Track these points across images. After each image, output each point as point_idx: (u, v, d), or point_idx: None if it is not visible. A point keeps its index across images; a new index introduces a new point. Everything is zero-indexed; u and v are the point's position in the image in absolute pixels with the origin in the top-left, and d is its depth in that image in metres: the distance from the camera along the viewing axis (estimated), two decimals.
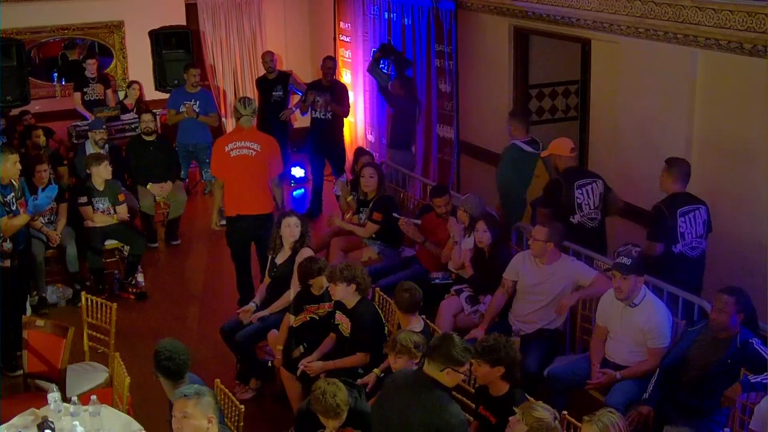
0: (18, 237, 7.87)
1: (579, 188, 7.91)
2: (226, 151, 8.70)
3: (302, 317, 7.12)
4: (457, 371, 5.21)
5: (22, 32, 12.94)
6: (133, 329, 8.53)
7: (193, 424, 4.84)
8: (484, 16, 10.23)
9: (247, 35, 14.36)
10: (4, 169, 7.82)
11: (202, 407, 4.85)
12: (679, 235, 7.18)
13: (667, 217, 7.15)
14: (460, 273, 8.05)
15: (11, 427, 5.78)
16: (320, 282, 7.04)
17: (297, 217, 7.81)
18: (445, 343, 5.22)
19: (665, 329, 6.39)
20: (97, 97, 12.53)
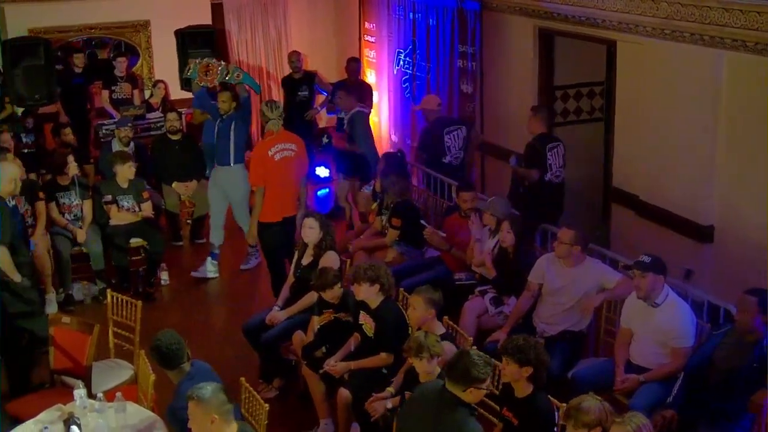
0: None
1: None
2: (269, 156, 8.76)
3: (326, 316, 7.15)
4: (479, 388, 5.17)
5: (49, 31, 13.04)
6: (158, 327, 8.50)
7: (197, 423, 4.97)
8: (509, 16, 10.21)
9: (272, 35, 14.41)
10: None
11: (203, 408, 4.93)
12: (547, 166, 8.95)
13: (540, 150, 8.89)
14: (484, 273, 8.05)
15: (38, 422, 5.84)
16: (334, 293, 7.07)
17: (315, 218, 7.84)
18: (464, 362, 5.15)
19: (688, 329, 6.36)
20: (124, 96, 12.59)
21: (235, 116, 9.89)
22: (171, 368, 5.71)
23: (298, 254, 7.94)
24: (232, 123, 9.84)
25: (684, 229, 8.01)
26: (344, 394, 6.56)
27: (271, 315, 7.71)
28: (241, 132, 9.96)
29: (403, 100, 12.29)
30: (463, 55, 10.58)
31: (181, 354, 5.70)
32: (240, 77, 9.97)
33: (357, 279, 6.71)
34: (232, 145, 9.85)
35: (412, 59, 11.93)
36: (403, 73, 12.25)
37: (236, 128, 9.87)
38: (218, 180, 10.11)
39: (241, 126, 9.98)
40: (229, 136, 9.84)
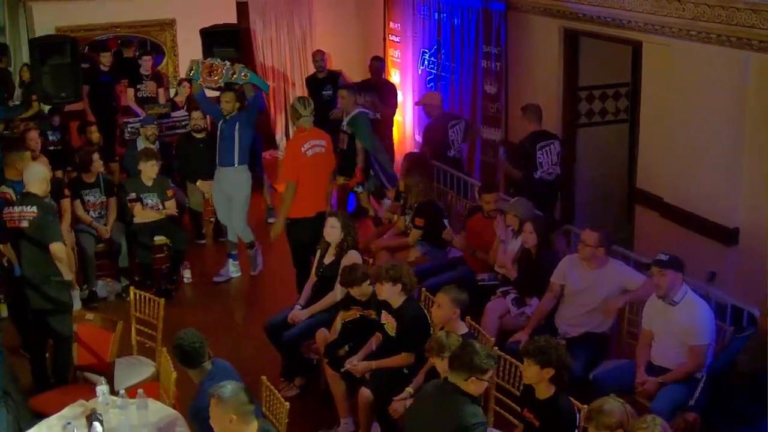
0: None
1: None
2: (302, 152, 8.78)
3: (352, 313, 7.16)
4: (481, 379, 5.23)
5: (76, 30, 13.13)
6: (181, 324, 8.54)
7: (216, 421, 5.00)
8: (534, 17, 10.18)
9: (297, 34, 14.45)
10: (21, 166, 8.22)
11: (223, 407, 4.95)
12: (538, 164, 9.11)
13: (528, 149, 9.16)
14: (507, 273, 8.03)
15: (61, 417, 5.88)
16: (363, 290, 7.08)
17: (338, 218, 7.85)
18: (467, 351, 5.25)
19: (706, 327, 6.34)
20: (149, 95, 12.65)
21: (240, 117, 9.78)
22: (193, 367, 5.72)
23: (320, 253, 7.96)
24: (237, 124, 9.71)
25: (709, 232, 7.96)
26: (365, 393, 6.57)
27: (292, 314, 7.72)
28: (245, 133, 9.80)
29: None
30: (488, 56, 10.56)
31: (203, 353, 5.72)
32: (247, 77, 9.83)
33: (379, 278, 6.71)
34: (236, 146, 9.73)
35: (437, 59, 11.92)
36: (428, 73, 12.24)
37: (241, 129, 9.73)
38: (221, 181, 9.98)
39: (246, 127, 9.81)
40: (233, 136, 9.72)
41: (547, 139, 9.30)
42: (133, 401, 6.02)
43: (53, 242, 7.19)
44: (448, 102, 11.61)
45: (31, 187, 7.36)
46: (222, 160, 9.86)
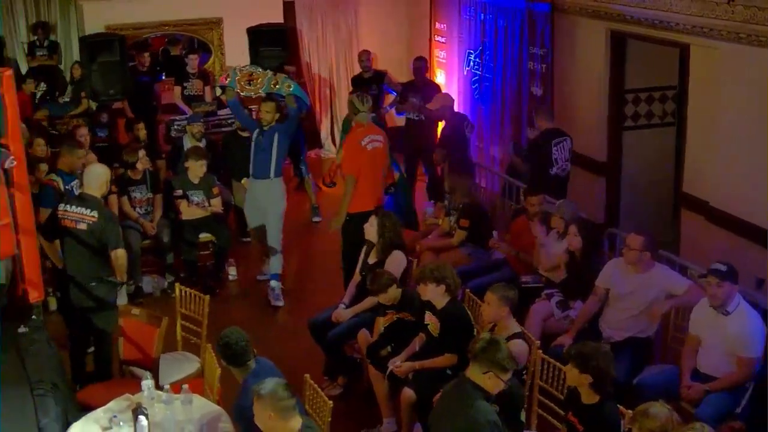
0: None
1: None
2: (362, 146, 8.82)
3: (388, 317, 7.18)
4: (499, 377, 5.24)
5: (125, 28, 13.28)
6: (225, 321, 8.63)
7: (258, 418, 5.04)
8: (580, 19, 10.14)
9: (343, 34, 14.49)
10: (69, 161, 8.60)
11: (261, 404, 4.99)
12: (553, 160, 9.32)
13: (543, 146, 9.40)
14: (550, 276, 8.01)
15: (107, 410, 5.94)
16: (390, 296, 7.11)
17: (378, 216, 7.88)
18: (493, 347, 5.29)
19: (757, 338, 6.25)
20: (196, 93, 12.74)
21: (279, 128, 9.46)
22: (238, 365, 5.75)
23: (364, 253, 7.98)
24: (275, 135, 9.38)
25: (755, 237, 7.88)
26: (408, 393, 6.58)
27: (336, 312, 7.75)
28: (283, 145, 9.48)
29: (472, 101, 12.26)
30: (534, 57, 10.53)
31: (248, 351, 5.75)
32: (291, 88, 9.48)
33: (423, 279, 6.72)
34: (273, 159, 9.42)
35: (481, 60, 11.90)
36: (472, 74, 12.23)
37: (279, 140, 9.40)
38: (256, 194, 9.67)
39: (284, 139, 9.48)
40: (271, 148, 9.38)
41: (560, 137, 9.50)
42: (177, 396, 6.08)
43: (116, 248, 7.27)
44: (491, 103, 11.61)
45: (90, 188, 7.42)
46: (257, 171, 9.56)
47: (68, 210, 7.34)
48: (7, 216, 6.48)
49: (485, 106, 11.93)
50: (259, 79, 9.50)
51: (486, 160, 11.86)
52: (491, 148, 11.96)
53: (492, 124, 11.78)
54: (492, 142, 11.88)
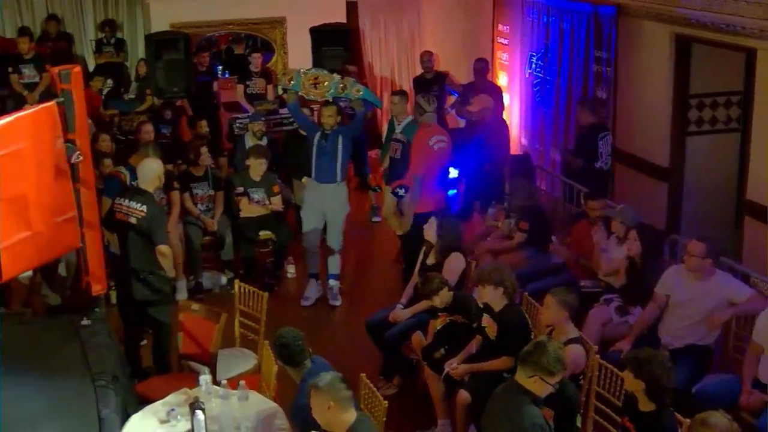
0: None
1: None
2: (430, 145, 8.86)
3: (441, 320, 7.18)
4: (545, 381, 5.18)
5: (189, 26, 13.43)
6: (283, 318, 8.70)
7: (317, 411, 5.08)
8: (645, 22, 10.03)
9: (405, 34, 14.50)
10: (141, 158, 8.50)
11: (321, 396, 5.03)
12: (599, 154, 9.73)
13: (591, 140, 9.83)
14: (610, 281, 7.95)
15: (165, 404, 6.03)
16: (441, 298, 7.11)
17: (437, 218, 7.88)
18: (539, 350, 5.23)
19: None
20: (258, 91, 12.83)
21: (343, 131, 9.31)
22: (294, 365, 5.79)
23: (423, 254, 7.99)
24: (339, 138, 9.20)
25: None
26: (463, 395, 6.57)
27: (394, 313, 7.77)
28: (347, 148, 9.30)
29: (534, 104, 12.20)
30: (598, 61, 10.45)
31: (304, 351, 5.79)
32: (360, 92, 9.24)
33: (481, 281, 6.71)
34: (339, 162, 9.25)
35: (544, 63, 11.84)
36: (535, 77, 12.17)
37: (344, 144, 9.22)
38: (319, 198, 9.44)
39: (348, 142, 9.30)
40: (336, 152, 9.20)
41: (604, 131, 9.91)
42: (234, 392, 6.14)
43: (160, 243, 7.37)
44: (553, 106, 11.53)
45: (143, 183, 7.55)
46: (320, 175, 9.37)
47: (122, 204, 7.48)
48: (73, 210, 6.59)
49: (547, 109, 11.86)
50: (326, 82, 9.22)
51: (547, 163, 11.79)
52: (552, 151, 11.88)
53: (554, 127, 11.70)
54: (554, 146, 11.81)
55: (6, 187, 5.80)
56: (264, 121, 11.16)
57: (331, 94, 9.22)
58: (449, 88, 12.66)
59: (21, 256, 6.00)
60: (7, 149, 5.79)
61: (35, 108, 6.47)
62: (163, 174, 7.77)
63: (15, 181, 5.90)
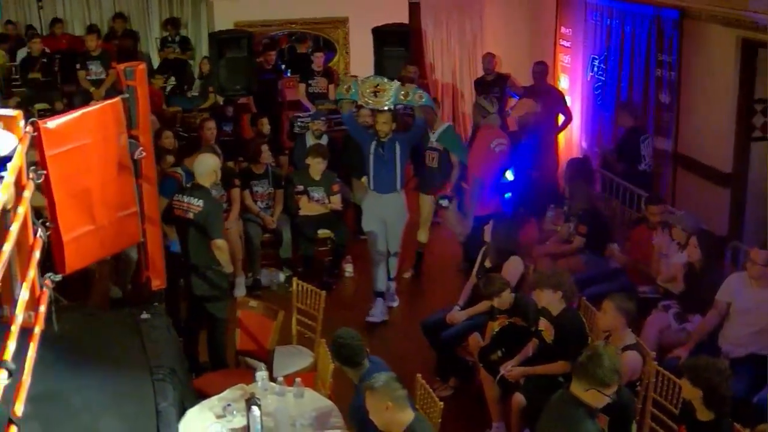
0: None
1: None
2: (491, 147, 8.85)
3: (500, 321, 7.16)
4: (602, 393, 5.08)
5: (252, 25, 13.57)
6: (341, 317, 8.74)
7: (374, 412, 5.07)
8: (710, 26, 9.88)
9: (467, 36, 14.49)
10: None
11: (378, 396, 5.02)
12: (641, 156, 9.87)
13: (633, 143, 10.02)
14: (669, 287, 7.87)
15: (222, 399, 6.10)
16: (503, 299, 7.08)
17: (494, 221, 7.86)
18: (593, 362, 5.10)
19: None
20: (320, 90, 12.91)
21: (400, 138, 8.99)
22: (353, 365, 5.77)
23: (481, 255, 7.98)
24: (396, 146, 8.88)
25: None
26: (518, 399, 6.55)
27: (451, 314, 7.77)
28: (405, 155, 9.03)
29: (595, 107, 12.10)
30: (661, 64, 10.33)
31: (362, 351, 5.79)
32: (422, 98, 8.81)
33: (540, 285, 6.69)
34: (398, 171, 8.98)
35: (606, 66, 11.74)
36: (596, 80, 12.07)
37: (401, 151, 8.92)
38: (379, 208, 9.17)
39: (406, 149, 9.01)
40: (394, 160, 8.90)
41: (645, 134, 10.03)
42: (290, 389, 6.19)
43: (216, 238, 7.44)
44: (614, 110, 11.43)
45: (200, 178, 7.63)
46: (379, 185, 9.09)
47: (181, 200, 7.57)
48: (135, 205, 6.69)
49: (608, 112, 11.76)
50: (386, 90, 8.75)
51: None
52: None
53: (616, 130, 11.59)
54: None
55: (71, 182, 5.89)
56: (324, 120, 11.23)
57: (392, 102, 8.78)
58: (510, 90, 12.61)
59: (84, 249, 6.09)
60: (74, 144, 5.88)
61: (101, 104, 6.57)
62: (219, 169, 7.83)
63: (80, 176, 5.99)
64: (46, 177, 5.50)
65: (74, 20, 15.88)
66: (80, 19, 15.88)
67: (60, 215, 5.74)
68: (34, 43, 13.51)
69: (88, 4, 15.89)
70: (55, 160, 5.63)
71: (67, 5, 15.89)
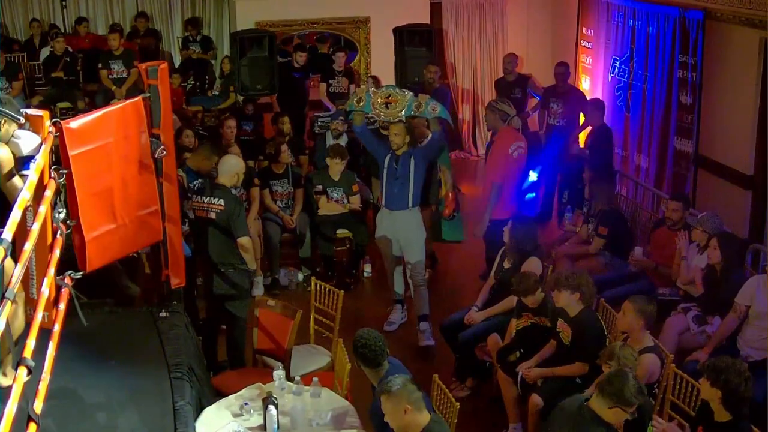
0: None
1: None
2: (509, 153, 8.83)
3: (523, 321, 7.15)
4: (625, 410, 5.10)
5: (275, 25, 13.60)
6: (359, 317, 8.77)
7: (391, 416, 5.04)
8: (734, 27, 9.84)
9: (488, 36, 14.48)
10: (201, 163, 8.67)
11: (395, 400, 5.00)
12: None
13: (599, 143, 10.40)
14: (689, 290, 7.84)
15: (239, 397, 6.13)
16: (535, 298, 7.07)
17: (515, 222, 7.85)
18: (620, 380, 5.12)
19: None
20: (341, 90, 12.92)
21: (416, 152, 8.43)
22: (375, 366, 5.73)
23: (500, 257, 7.97)
24: (411, 160, 8.36)
25: None
26: (536, 400, 6.55)
27: (469, 315, 7.77)
28: (421, 170, 8.45)
29: (617, 108, 12.06)
30: (684, 65, 10.29)
31: (385, 352, 5.76)
32: (436, 110, 8.32)
33: (558, 286, 6.68)
34: (411, 187, 8.41)
35: (629, 67, 11.70)
36: (618, 81, 12.03)
37: (417, 166, 8.37)
38: (392, 226, 8.65)
39: (422, 164, 8.45)
40: (408, 176, 8.36)
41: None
42: (307, 389, 6.21)
43: (241, 236, 7.44)
44: (637, 111, 11.40)
45: (221, 178, 7.65)
46: (391, 202, 8.56)
47: (201, 201, 7.57)
48: (156, 203, 6.71)
49: (630, 113, 11.72)
50: (399, 101, 8.33)
51: (630, 169, 11.64)
52: (636, 156, 11.72)
53: (638, 132, 11.56)
54: (639, 151, 11.65)
55: (93, 181, 5.93)
56: (344, 120, 11.22)
57: (405, 113, 8.31)
58: (531, 90, 12.58)
59: (106, 247, 6.13)
60: (96, 143, 5.92)
61: (123, 103, 6.61)
62: (242, 173, 7.83)
63: (102, 175, 6.03)
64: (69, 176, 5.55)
65: (97, 19, 15.99)
66: (103, 19, 15.98)
67: (82, 214, 5.78)
68: (58, 42, 13.63)
69: (111, 3, 15.99)
70: (77, 159, 5.67)
71: (90, 4, 16.00)
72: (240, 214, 7.57)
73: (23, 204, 4.45)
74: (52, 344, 4.46)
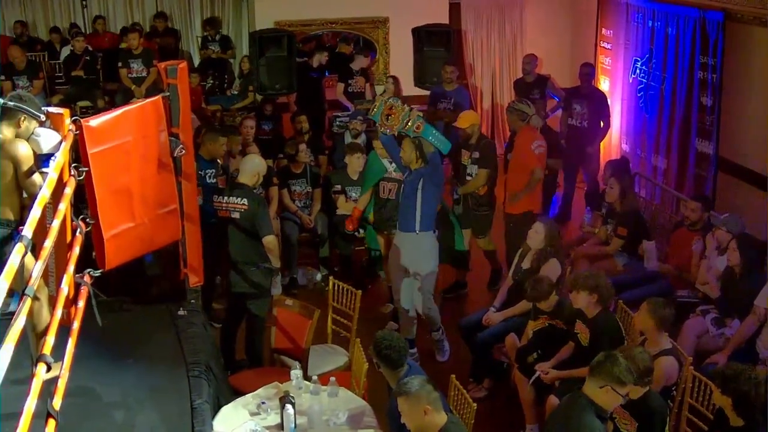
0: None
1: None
2: (531, 149, 8.89)
3: (540, 323, 7.14)
4: (616, 392, 5.09)
5: (293, 24, 13.63)
6: (376, 317, 8.76)
7: (409, 417, 5.01)
8: (754, 28, 9.78)
9: (507, 37, 14.46)
10: (211, 148, 8.82)
11: (414, 402, 4.95)
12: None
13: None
14: (707, 292, 7.80)
15: (256, 396, 6.13)
16: (549, 302, 7.06)
17: (545, 224, 7.82)
18: (610, 360, 5.15)
19: None
20: (358, 90, 12.93)
21: (424, 172, 7.88)
22: (395, 368, 5.71)
23: (519, 257, 7.95)
24: (420, 180, 7.87)
25: None
26: (553, 401, 6.51)
27: (487, 316, 7.75)
28: (429, 193, 7.91)
29: (637, 109, 12.02)
30: (704, 67, 10.24)
31: (406, 353, 5.77)
32: (420, 129, 7.80)
33: (576, 287, 6.65)
34: (417, 209, 7.90)
35: (648, 68, 11.66)
36: (638, 82, 11.99)
37: (424, 188, 7.87)
38: (398, 249, 8.21)
39: (431, 186, 7.91)
40: (415, 196, 7.88)
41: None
42: (324, 388, 6.21)
43: (266, 235, 7.45)
44: (657, 112, 11.36)
45: (242, 177, 7.66)
46: (401, 223, 8.12)
47: (222, 200, 7.59)
48: (175, 202, 6.74)
49: (650, 114, 11.68)
50: (396, 115, 7.90)
51: (648, 170, 11.60)
52: (655, 157, 11.69)
53: (657, 133, 11.52)
54: (657, 152, 11.61)
55: (112, 179, 5.95)
56: (362, 120, 11.23)
57: (399, 128, 7.88)
58: (551, 92, 12.55)
59: (125, 246, 6.16)
60: (115, 142, 5.94)
61: (142, 102, 6.63)
62: (264, 173, 7.85)
63: (121, 173, 6.06)
64: (88, 174, 5.58)
65: (117, 19, 16.05)
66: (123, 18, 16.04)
67: (101, 212, 5.81)
68: (78, 41, 13.69)
69: (131, 3, 16.06)
70: (97, 157, 5.70)
71: (110, 4, 16.07)
72: (264, 212, 7.58)
73: (43, 201, 4.48)
74: (71, 341, 4.48)
